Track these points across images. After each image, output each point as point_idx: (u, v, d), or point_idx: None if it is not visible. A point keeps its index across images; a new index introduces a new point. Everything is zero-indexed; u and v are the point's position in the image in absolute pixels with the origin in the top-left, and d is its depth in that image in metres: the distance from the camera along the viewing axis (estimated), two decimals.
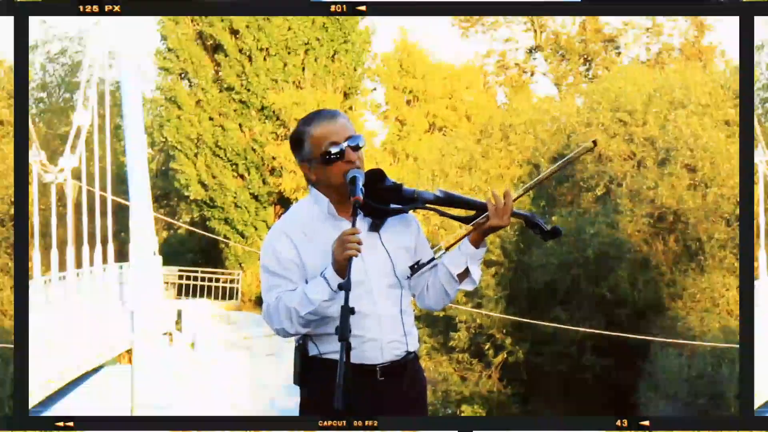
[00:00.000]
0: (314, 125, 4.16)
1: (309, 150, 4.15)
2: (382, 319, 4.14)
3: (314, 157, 4.14)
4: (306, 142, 4.16)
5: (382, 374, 4.16)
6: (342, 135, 4.13)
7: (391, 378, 4.18)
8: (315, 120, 4.18)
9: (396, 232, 4.25)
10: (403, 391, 4.20)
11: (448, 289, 4.30)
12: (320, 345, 4.13)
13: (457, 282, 4.28)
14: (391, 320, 4.17)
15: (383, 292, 4.17)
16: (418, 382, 4.28)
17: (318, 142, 4.13)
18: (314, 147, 4.14)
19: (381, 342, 4.14)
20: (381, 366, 4.16)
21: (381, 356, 4.15)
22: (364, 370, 4.10)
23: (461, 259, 4.25)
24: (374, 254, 4.16)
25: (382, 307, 4.14)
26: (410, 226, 4.31)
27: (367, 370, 4.12)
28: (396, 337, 4.19)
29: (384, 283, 4.17)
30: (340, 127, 4.15)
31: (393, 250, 4.21)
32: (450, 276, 4.27)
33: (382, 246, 4.18)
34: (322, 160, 4.12)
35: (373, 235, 4.18)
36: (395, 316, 4.18)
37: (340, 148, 4.11)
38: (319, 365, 4.13)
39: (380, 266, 4.17)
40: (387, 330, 4.16)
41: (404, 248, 4.25)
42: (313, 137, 4.14)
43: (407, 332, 4.23)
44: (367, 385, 4.12)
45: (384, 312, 4.15)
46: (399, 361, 4.20)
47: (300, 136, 4.19)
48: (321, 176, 4.16)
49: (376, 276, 4.15)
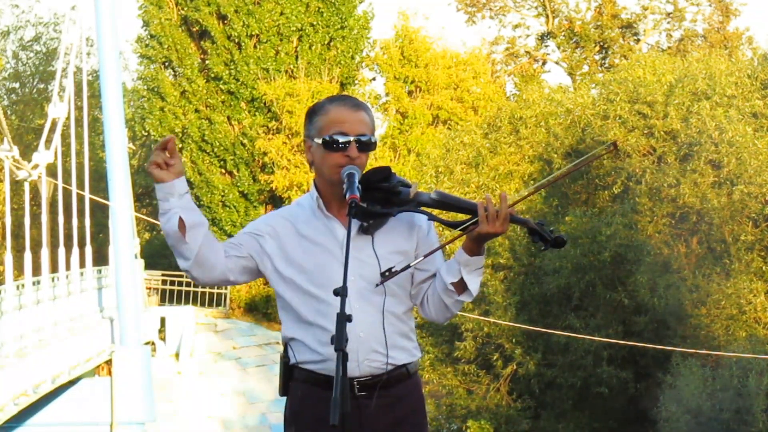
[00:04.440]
0: (335, 105, 4.21)
1: (318, 127, 4.19)
2: (358, 328, 4.12)
3: (317, 137, 4.18)
4: (318, 117, 4.20)
5: (361, 389, 4.14)
6: (355, 129, 4.16)
7: (372, 393, 4.15)
8: (338, 101, 4.24)
9: (394, 234, 4.24)
10: (388, 406, 4.17)
11: (445, 300, 4.25)
12: (297, 353, 4.17)
13: (454, 293, 4.23)
14: (371, 330, 4.15)
15: (364, 298, 4.16)
16: (410, 398, 4.24)
17: (328, 123, 4.17)
18: (323, 126, 4.18)
19: (357, 353, 4.12)
20: (358, 379, 4.14)
21: (358, 369, 4.13)
22: None
23: (455, 267, 4.21)
24: (360, 258, 4.16)
25: (359, 315, 4.13)
26: (414, 228, 4.29)
27: None
28: (377, 348, 4.16)
29: (365, 288, 4.17)
30: (357, 119, 4.18)
31: (385, 254, 4.19)
32: (444, 285, 4.24)
33: (372, 249, 4.19)
34: (323, 143, 4.15)
35: (364, 237, 4.17)
36: (377, 325, 4.16)
37: (347, 139, 4.14)
38: (297, 375, 4.17)
39: (364, 271, 4.16)
40: (365, 340, 4.14)
41: (400, 252, 4.22)
42: (328, 116, 4.18)
43: (390, 344, 4.19)
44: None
45: (361, 320, 4.13)
46: (380, 375, 4.16)
47: (316, 109, 4.25)
48: (318, 160, 4.20)
49: (357, 281, 4.15)
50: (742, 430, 20.86)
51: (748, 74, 25.12)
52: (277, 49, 35.10)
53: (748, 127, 23.53)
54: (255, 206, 35.64)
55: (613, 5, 43.27)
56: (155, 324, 29.96)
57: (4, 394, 18.90)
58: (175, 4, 35.85)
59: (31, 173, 22.15)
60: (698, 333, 22.95)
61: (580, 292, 24.68)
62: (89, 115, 27.37)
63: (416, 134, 35.05)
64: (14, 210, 26.58)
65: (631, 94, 25.87)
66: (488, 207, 4.19)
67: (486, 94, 36.63)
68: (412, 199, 4.19)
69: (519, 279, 25.57)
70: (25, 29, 42.62)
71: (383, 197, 4.18)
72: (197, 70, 35.57)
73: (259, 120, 35.07)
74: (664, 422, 21.94)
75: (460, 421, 26.08)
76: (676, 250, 24.43)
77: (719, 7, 42.63)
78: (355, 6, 36.11)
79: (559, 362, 24.68)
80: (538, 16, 44.51)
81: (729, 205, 23.45)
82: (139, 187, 41.03)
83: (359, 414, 4.12)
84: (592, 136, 25.97)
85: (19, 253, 22.51)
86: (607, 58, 43.56)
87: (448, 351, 26.40)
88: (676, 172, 24.03)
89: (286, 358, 4.20)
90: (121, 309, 24.40)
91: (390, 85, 36.23)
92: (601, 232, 24.31)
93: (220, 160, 35.58)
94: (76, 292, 24.06)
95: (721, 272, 23.24)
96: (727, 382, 21.24)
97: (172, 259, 39.19)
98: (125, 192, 24.72)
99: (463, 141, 28.15)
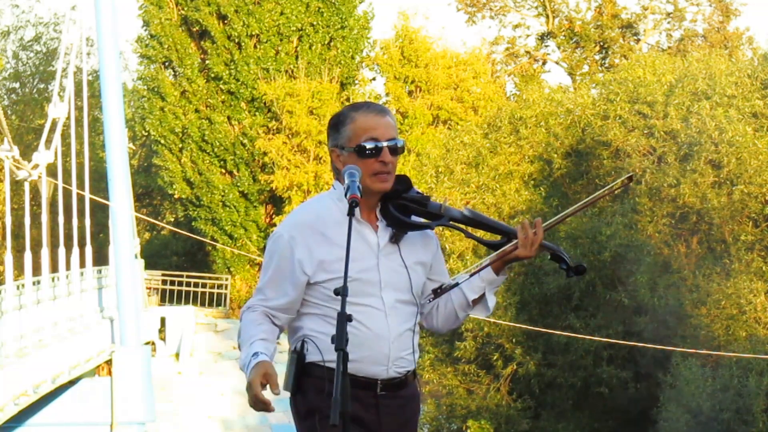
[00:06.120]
0: (361, 113, 4.24)
1: (347, 136, 4.22)
2: (393, 335, 4.21)
3: (348, 145, 4.21)
4: (346, 127, 4.23)
5: (382, 388, 4.21)
6: (385, 134, 4.21)
7: (391, 392, 4.23)
8: (363, 108, 4.27)
9: (416, 246, 4.31)
10: (400, 407, 4.26)
11: (459, 313, 4.39)
12: (324, 352, 4.17)
13: (470, 307, 4.37)
14: (401, 338, 4.24)
15: (397, 308, 4.23)
16: (414, 400, 4.34)
17: (358, 131, 4.20)
18: (353, 135, 4.21)
19: (389, 359, 4.20)
20: (383, 380, 4.21)
21: (386, 372, 4.22)
22: (365, 382, 4.15)
23: (479, 285, 4.33)
24: (392, 268, 4.23)
25: (393, 323, 4.21)
26: (430, 241, 4.37)
27: (369, 383, 4.18)
28: (403, 355, 4.25)
29: (398, 298, 4.24)
30: (386, 124, 4.23)
31: (411, 265, 4.28)
32: (466, 301, 4.35)
33: (401, 260, 4.25)
34: (356, 151, 4.18)
35: (393, 247, 4.24)
36: (406, 333, 4.25)
37: (379, 145, 4.18)
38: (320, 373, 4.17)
39: (396, 281, 4.24)
40: (396, 347, 4.22)
41: (422, 264, 4.32)
42: (356, 124, 4.21)
43: (414, 350, 4.30)
44: (367, 397, 4.17)
45: (395, 329, 4.21)
46: (401, 377, 4.25)
47: (342, 119, 4.27)
48: None
49: (391, 291, 4.22)
50: (742, 430, 20.88)
51: (748, 74, 25.12)
52: (277, 49, 35.11)
53: (748, 127, 23.54)
54: (255, 206, 35.64)
55: (613, 5, 43.28)
56: (155, 324, 29.98)
57: (4, 394, 18.91)
58: (175, 4, 35.85)
59: (31, 173, 22.15)
60: (698, 333, 22.95)
61: (580, 292, 24.69)
62: (89, 115, 27.39)
63: (416, 134, 35.06)
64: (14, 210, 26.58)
65: (631, 94, 25.88)
66: (527, 232, 4.27)
67: (486, 94, 36.63)
68: (444, 214, 4.27)
69: (519, 279, 25.58)
70: (25, 29, 42.65)
71: (413, 208, 4.26)
72: (197, 70, 35.57)
73: (259, 120, 35.08)
74: (664, 422, 21.94)
75: (460, 421, 26.09)
76: (676, 250, 24.45)
77: (719, 7, 42.63)
78: (355, 6, 36.11)
79: (559, 362, 24.69)
80: (538, 16, 44.51)
81: (729, 205, 23.46)
82: (139, 187, 41.04)
83: (377, 412, 4.19)
84: (592, 136, 25.99)
85: (19, 253, 22.51)
86: (607, 58, 43.56)
87: (448, 351, 26.40)
88: (676, 172, 24.04)
89: (302, 355, 4.21)
90: (121, 309, 24.41)
91: (390, 85, 36.23)
92: (601, 232, 24.31)
93: (220, 160, 35.58)
94: (76, 292, 24.06)
95: (721, 272, 23.24)
96: (727, 382, 21.25)
97: (172, 259, 39.30)
98: (125, 192, 24.73)
99: (463, 141, 28.15)
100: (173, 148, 35.79)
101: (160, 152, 36.24)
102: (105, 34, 24.05)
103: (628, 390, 24.42)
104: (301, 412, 4.22)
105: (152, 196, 43.63)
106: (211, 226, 35.61)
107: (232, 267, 35.83)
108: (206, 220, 35.67)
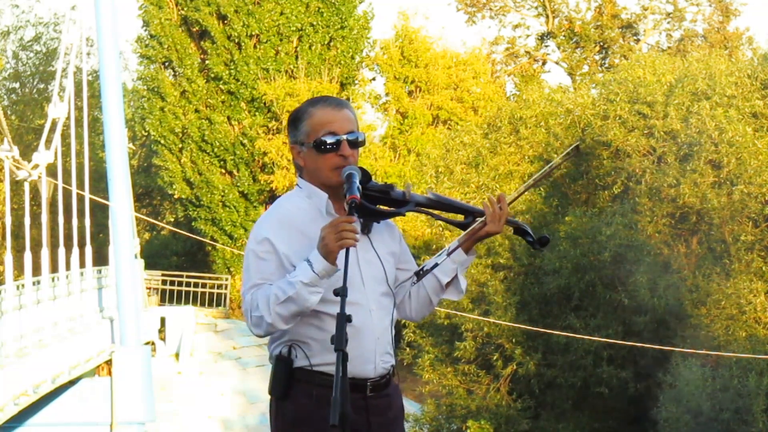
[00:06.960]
0: (318, 108, 4.21)
1: (304, 131, 4.20)
2: (378, 331, 4.17)
3: (307, 141, 4.18)
4: (304, 122, 4.20)
5: (372, 389, 4.18)
6: (343, 127, 4.17)
7: (377, 393, 4.20)
8: (320, 103, 4.24)
9: (383, 236, 4.29)
10: (386, 406, 4.23)
11: (433, 298, 4.37)
12: (311, 355, 4.13)
13: (443, 291, 4.35)
14: (385, 332, 4.21)
15: (379, 302, 4.20)
16: (397, 395, 4.32)
17: (316, 126, 4.17)
18: (311, 130, 4.18)
19: (375, 355, 4.16)
20: (371, 380, 4.18)
21: (374, 371, 4.18)
22: (355, 384, 4.10)
23: (451, 267, 4.32)
24: (368, 260, 4.20)
25: (377, 318, 4.17)
26: (394, 231, 4.36)
27: (359, 384, 4.14)
28: (388, 349, 4.22)
29: (378, 291, 4.21)
30: (343, 117, 4.19)
31: (384, 255, 4.25)
32: (439, 285, 4.33)
33: (374, 251, 4.22)
34: (315, 146, 4.15)
35: (365, 239, 4.20)
36: (387, 327, 4.22)
37: (337, 138, 4.14)
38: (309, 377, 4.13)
39: (374, 273, 4.21)
40: (381, 342, 4.19)
41: (392, 254, 4.31)
42: (313, 119, 4.19)
43: (393, 345, 4.29)
44: (357, 400, 4.12)
45: (379, 323, 4.18)
46: (385, 375, 4.22)
47: (300, 115, 4.24)
48: (310, 164, 4.19)
49: (371, 284, 4.19)
50: (742, 430, 20.87)
51: (748, 74, 25.10)
52: (277, 49, 35.12)
53: (748, 127, 23.53)
54: (255, 206, 35.65)
55: (613, 5, 43.28)
56: (155, 324, 29.99)
57: (4, 394, 18.91)
58: (175, 4, 35.86)
59: (31, 173, 22.16)
60: (698, 333, 22.94)
61: (580, 292, 24.68)
62: (89, 115, 27.38)
63: (416, 134, 35.07)
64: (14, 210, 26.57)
65: (631, 94, 25.87)
66: (493, 207, 4.25)
67: (486, 94, 36.64)
68: (409, 200, 4.25)
69: (519, 279, 25.57)
70: (25, 29, 42.67)
71: (378, 198, 4.23)
72: (197, 70, 35.58)
73: (259, 120, 35.08)
74: (664, 422, 21.93)
75: (460, 421, 26.07)
76: (676, 250, 24.44)
77: (719, 7, 42.65)
78: (355, 6, 36.12)
79: (559, 362, 24.68)
80: (538, 16, 44.52)
81: (729, 205, 23.45)
82: (139, 187, 41.05)
83: (367, 414, 4.16)
84: (592, 136, 25.97)
85: (19, 253, 22.52)
86: (607, 58, 43.58)
87: (448, 351, 26.38)
88: (676, 172, 24.03)
89: (289, 360, 4.17)
90: (121, 309, 24.41)
91: (390, 85, 36.24)
92: (601, 232, 24.30)
93: (220, 160, 35.59)
94: (76, 292, 24.06)
95: (721, 272, 23.23)
96: (727, 382, 21.24)
97: (172, 259, 39.30)
98: (125, 192, 24.73)
99: (463, 141, 28.15)
100: (173, 148, 35.79)
101: (160, 152, 36.25)
102: (105, 34, 24.04)
103: (628, 390, 24.41)
104: (288, 417, 4.15)
105: (152, 196, 43.65)
106: (211, 226, 35.63)
107: (232, 267, 35.84)
108: (206, 220, 35.68)
